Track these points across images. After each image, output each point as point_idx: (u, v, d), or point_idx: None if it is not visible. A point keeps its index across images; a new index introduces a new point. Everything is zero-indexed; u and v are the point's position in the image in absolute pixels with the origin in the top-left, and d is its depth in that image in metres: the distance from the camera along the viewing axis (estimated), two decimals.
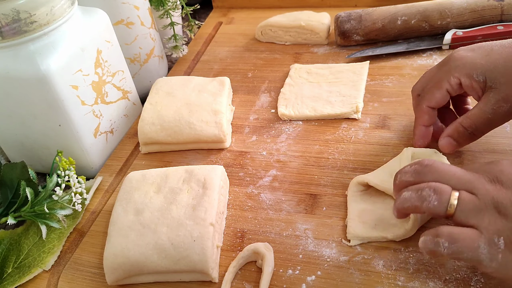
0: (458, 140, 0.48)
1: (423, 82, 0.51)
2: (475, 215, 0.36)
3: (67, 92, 0.52)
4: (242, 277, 0.44)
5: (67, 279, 0.47)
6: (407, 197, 0.39)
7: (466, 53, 0.47)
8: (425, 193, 0.37)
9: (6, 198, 0.52)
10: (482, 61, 0.45)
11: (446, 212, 0.37)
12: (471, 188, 0.37)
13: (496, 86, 0.44)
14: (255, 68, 0.75)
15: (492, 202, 0.36)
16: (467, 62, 0.46)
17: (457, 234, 0.36)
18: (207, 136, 0.58)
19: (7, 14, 0.46)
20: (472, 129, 0.47)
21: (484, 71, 0.45)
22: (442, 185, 0.38)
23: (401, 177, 0.41)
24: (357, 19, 0.73)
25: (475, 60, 0.46)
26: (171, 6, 0.73)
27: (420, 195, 0.38)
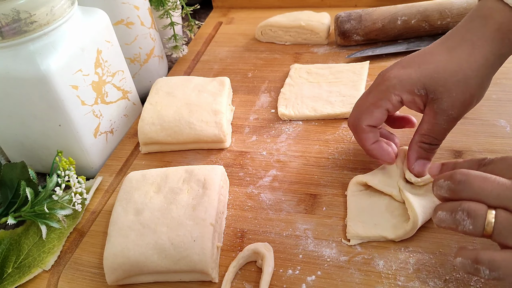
0: (428, 157, 0.47)
1: (356, 111, 0.48)
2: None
3: (67, 92, 0.52)
4: (242, 277, 0.44)
5: (67, 279, 0.47)
6: (442, 218, 0.37)
7: (399, 71, 0.45)
8: (459, 217, 0.35)
9: (6, 198, 0.52)
10: (418, 75, 0.44)
11: (483, 233, 0.35)
12: (509, 206, 0.34)
13: (437, 96, 0.44)
14: (255, 68, 0.75)
15: None
16: (404, 79, 0.45)
17: (498, 261, 0.33)
18: (207, 136, 0.58)
19: (7, 14, 0.46)
20: (434, 142, 0.46)
21: (423, 84, 0.44)
22: (476, 206, 0.35)
23: (437, 191, 0.38)
24: (357, 19, 0.73)
25: (411, 75, 0.44)
26: (171, 6, 0.73)
27: (454, 219, 0.35)
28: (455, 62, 0.44)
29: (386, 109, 0.46)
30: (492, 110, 0.58)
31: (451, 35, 0.46)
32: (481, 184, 0.35)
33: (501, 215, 0.34)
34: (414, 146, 0.46)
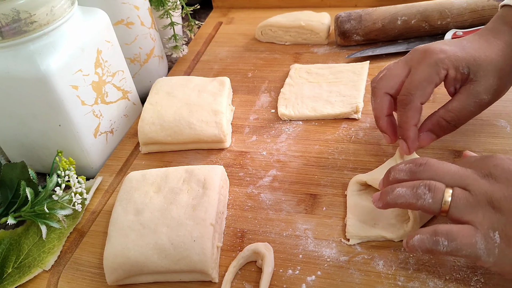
0: (439, 134, 0.48)
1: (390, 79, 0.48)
2: (469, 211, 0.36)
3: (67, 92, 0.52)
4: (242, 277, 0.44)
5: (67, 279, 0.47)
6: (401, 193, 0.39)
7: (444, 46, 0.46)
8: (420, 191, 0.38)
9: (6, 198, 0.52)
10: (463, 54, 0.45)
11: (440, 209, 0.37)
12: (465, 184, 0.38)
13: (477, 78, 0.45)
14: (255, 68, 0.75)
15: (485, 197, 0.36)
16: (451, 54, 0.45)
17: (455, 232, 0.36)
18: (207, 136, 0.58)
19: (7, 14, 0.46)
20: (454, 122, 0.47)
21: (468, 64, 0.45)
22: (436, 183, 0.38)
23: (395, 174, 0.41)
24: (357, 19, 0.73)
25: (457, 53, 0.45)
26: (171, 6, 0.73)
27: (415, 193, 0.38)
28: (494, 52, 0.46)
29: (435, 83, 0.46)
30: (492, 110, 0.58)
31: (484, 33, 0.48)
32: (439, 166, 0.39)
33: (457, 192, 0.37)
34: (434, 118, 0.47)
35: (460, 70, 0.45)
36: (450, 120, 0.47)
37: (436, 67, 0.45)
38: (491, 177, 0.37)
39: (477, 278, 0.41)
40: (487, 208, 0.36)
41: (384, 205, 0.41)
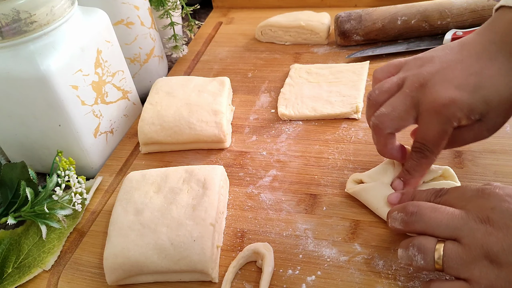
0: None
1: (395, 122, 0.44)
2: (464, 268, 0.35)
3: (67, 92, 0.52)
4: (242, 277, 0.44)
5: (67, 279, 0.47)
6: (400, 254, 0.39)
7: (454, 93, 0.41)
8: (411, 253, 0.37)
9: (6, 198, 0.52)
10: (474, 101, 0.41)
11: (435, 268, 0.36)
12: (459, 236, 0.36)
13: (485, 120, 0.42)
14: (255, 68, 0.75)
15: (481, 251, 0.34)
16: (463, 106, 0.41)
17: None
18: (207, 136, 0.58)
19: (7, 14, 0.46)
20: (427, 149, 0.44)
21: (479, 111, 0.41)
22: (425, 242, 0.37)
23: (392, 223, 0.41)
24: (357, 19, 0.73)
25: (468, 100, 0.41)
26: (171, 6, 0.73)
27: (408, 255, 0.38)
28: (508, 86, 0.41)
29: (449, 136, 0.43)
30: None
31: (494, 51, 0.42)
32: (431, 214, 0.37)
33: (448, 248, 0.36)
34: None
35: (471, 119, 0.42)
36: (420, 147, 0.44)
37: (449, 123, 0.41)
38: (488, 224, 0.35)
39: None
40: (484, 263, 0.34)
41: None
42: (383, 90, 0.46)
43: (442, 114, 0.41)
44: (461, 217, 0.36)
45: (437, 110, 0.41)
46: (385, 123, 0.44)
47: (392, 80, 0.46)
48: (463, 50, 0.43)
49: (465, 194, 0.39)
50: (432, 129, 0.42)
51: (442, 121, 0.41)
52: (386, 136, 0.45)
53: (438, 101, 0.41)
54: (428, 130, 0.43)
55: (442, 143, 0.43)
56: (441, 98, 0.41)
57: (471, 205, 0.37)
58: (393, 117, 0.44)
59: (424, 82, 0.43)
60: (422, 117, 0.43)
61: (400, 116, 0.43)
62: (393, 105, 0.44)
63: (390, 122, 0.44)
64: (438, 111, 0.41)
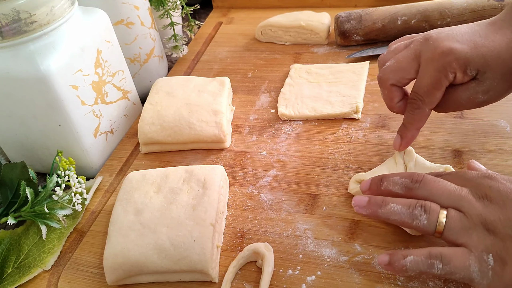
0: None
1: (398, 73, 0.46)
2: (463, 233, 0.37)
3: (67, 92, 0.52)
4: (242, 277, 0.44)
5: (67, 279, 0.47)
6: (396, 211, 0.39)
7: (454, 45, 0.43)
8: (417, 212, 0.38)
9: (6, 198, 0.52)
10: (473, 55, 0.43)
11: (435, 230, 0.37)
12: (459, 205, 0.38)
13: (482, 79, 0.43)
14: (255, 68, 0.75)
15: (479, 219, 0.36)
16: (460, 57, 0.42)
17: (449, 254, 0.36)
18: (207, 136, 0.58)
19: (7, 14, 0.46)
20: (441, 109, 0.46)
21: (477, 66, 0.43)
22: (431, 204, 0.38)
23: (388, 185, 0.41)
24: (357, 19, 0.73)
25: (467, 54, 0.42)
26: (171, 6, 0.73)
27: (411, 213, 0.38)
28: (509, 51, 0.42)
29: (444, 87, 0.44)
30: (492, 110, 0.58)
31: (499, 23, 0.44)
32: (434, 184, 0.39)
33: (451, 214, 0.37)
34: None
35: (468, 73, 0.43)
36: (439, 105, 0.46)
37: (444, 71, 0.43)
38: (486, 199, 0.37)
39: None
40: (482, 231, 0.36)
41: (370, 214, 0.41)
42: (390, 50, 0.49)
43: (439, 62, 0.43)
44: (462, 190, 0.38)
45: (435, 58, 0.43)
46: (388, 74, 0.47)
47: (401, 42, 0.48)
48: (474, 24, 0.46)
49: (464, 175, 0.41)
50: (427, 77, 0.44)
51: (438, 68, 0.43)
52: (390, 88, 0.47)
53: (437, 50, 0.43)
54: (423, 79, 0.44)
55: (436, 94, 0.44)
56: (441, 46, 0.43)
57: (470, 184, 0.39)
58: (395, 68, 0.46)
59: (428, 37, 0.45)
60: (421, 67, 0.45)
61: (401, 67, 0.46)
62: (397, 57, 0.47)
63: (391, 73, 0.46)
64: (435, 58, 0.43)
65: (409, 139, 0.48)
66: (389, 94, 0.48)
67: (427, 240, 0.44)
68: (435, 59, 0.43)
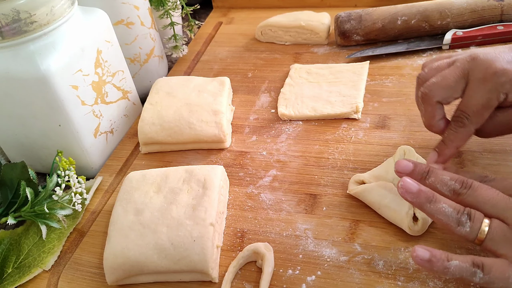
0: None
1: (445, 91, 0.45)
2: (505, 245, 0.36)
3: (67, 92, 0.52)
4: (242, 277, 0.44)
5: (67, 279, 0.47)
6: (445, 212, 0.38)
7: (507, 66, 0.42)
8: (464, 219, 0.38)
9: (6, 198, 0.52)
10: None
11: (476, 238, 0.37)
12: (504, 216, 0.37)
13: None
14: (255, 68, 0.75)
15: None
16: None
17: (490, 264, 0.36)
18: (207, 136, 0.58)
19: (7, 14, 0.46)
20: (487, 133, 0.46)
21: None
22: (476, 212, 0.38)
23: (436, 183, 0.40)
24: (357, 19, 0.73)
25: None
26: (171, 6, 0.73)
27: (459, 219, 0.38)
28: None
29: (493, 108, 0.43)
30: None
31: None
32: (482, 192, 0.39)
33: (495, 224, 0.37)
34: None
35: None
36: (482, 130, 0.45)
37: (496, 92, 0.42)
38: None
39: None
40: None
41: (416, 204, 0.39)
42: (433, 68, 0.47)
43: (491, 82, 0.42)
44: (509, 200, 0.38)
45: (487, 78, 0.42)
46: (434, 91, 0.45)
47: (442, 61, 0.47)
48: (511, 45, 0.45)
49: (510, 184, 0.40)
50: (477, 97, 0.43)
51: (490, 89, 0.42)
52: (434, 106, 0.45)
53: (489, 70, 0.42)
54: (472, 98, 0.43)
55: (484, 114, 0.43)
56: (493, 67, 0.42)
57: None
58: (443, 85, 0.44)
59: (475, 57, 0.44)
60: (470, 86, 0.43)
61: (449, 85, 0.44)
62: (443, 75, 0.45)
63: (439, 90, 0.44)
64: (487, 78, 0.42)
65: (447, 157, 0.46)
66: (432, 112, 0.46)
67: (426, 240, 0.44)
68: (487, 79, 0.42)
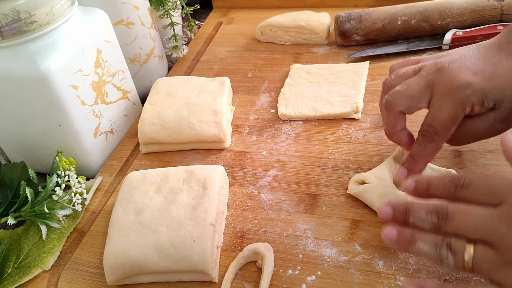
0: None
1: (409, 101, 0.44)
2: (496, 272, 0.33)
3: (67, 92, 0.52)
4: (242, 277, 0.44)
5: (67, 279, 0.47)
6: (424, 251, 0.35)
7: (470, 78, 0.42)
8: (444, 252, 0.35)
9: (6, 198, 0.52)
10: (490, 86, 0.41)
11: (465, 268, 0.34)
12: (490, 240, 0.33)
13: (500, 109, 0.42)
14: (255, 68, 0.75)
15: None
16: (477, 89, 0.41)
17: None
18: (207, 136, 0.58)
19: (7, 14, 0.46)
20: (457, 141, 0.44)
21: (494, 98, 0.41)
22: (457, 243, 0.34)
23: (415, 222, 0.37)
24: (357, 19, 0.73)
25: (483, 86, 0.41)
26: (171, 6, 0.73)
27: (439, 254, 0.35)
28: None
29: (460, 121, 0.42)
30: None
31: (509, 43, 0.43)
32: (461, 218, 0.35)
33: (479, 250, 0.34)
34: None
35: (485, 105, 0.42)
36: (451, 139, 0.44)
37: (461, 106, 0.41)
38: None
39: (477, 278, 0.41)
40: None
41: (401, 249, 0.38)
42: (399, 75, 0.46)
43: (457, 96, 0.41)
44: (492, 221, 0.33)
45: (452, 91, 0.41)
46: (398, 100, 0.44)
47: (409, 67, 0.46)
48: (480, 47, 0.44)
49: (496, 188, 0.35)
50: (444, 111, 0.42)
51: (455, 103, 0.41)
52: (397, 115, 0.45)
53: (455, 83, 0.41)
54: (439, 112, 0.42)
55: (451, 128, 0.42)
56: (458, 80, 0.41)
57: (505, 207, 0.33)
58: (407, 95, 0.44)
59: (441, 67, 0.43)
60: (435, 99, 0.43)
61: (413, 95, 0.43)
62: (408, 83, 0.44)
63: (403, 99, 0.44)
64: (453, 92, 0.41)
65: (417, 172, 0.44)
66: (394, 121, 0.45)
67: None
68: (452, 93, 0.41)
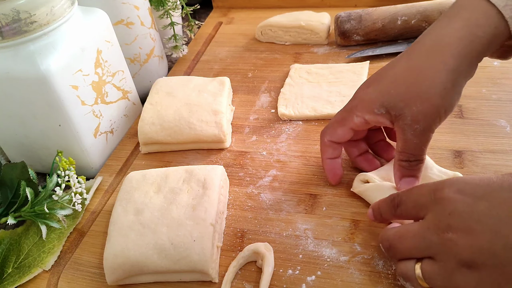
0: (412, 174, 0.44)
1: (327, 125, 0.50)
2: (447, 282, 0.34)
3: (67, 92, 0.52)
4: (242, 277, 0.44)
5: (67, 279, 0.47)
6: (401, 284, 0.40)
7: (362, 90, 0.46)
8: (401, 281, 0.38)
9: (6, 198, 0.52)
10: (376, 93, 0.43)
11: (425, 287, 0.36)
12: (430, 254, 0.35)
13: (399, 112, 0.42)
14: (255, 68, 0.75)
15: (455, 260, 0.33)
16: (364, 99, 0.45)
17: None
18: (207, 136, 0.58)
19: (7, 14, 0.46)
20: (412, 158, 0.43)
21: (382, 103, 0.43)
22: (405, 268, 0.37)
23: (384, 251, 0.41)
24: (357, 19, 0.73)
25: (370, 94, 0.44)
26: (171, 6, 0.73)
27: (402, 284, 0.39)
28: (413, 72, 0.41)
29: (351, 128, 0.47)
30: (492, 110, 0.58)
31: (417, 41, 0.43)
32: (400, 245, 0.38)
33: (425, 267, 0.36)
34: (396, 165, 0.45)
35: (376, 113, 0.43)
36: (406, 159, 0.44)
37: (350, 113, 0.46)
38: (451, 232, 0.34)
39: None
40: (463, 271, 0.33)
41: None
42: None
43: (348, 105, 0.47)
44: (425, 237, 0.35)
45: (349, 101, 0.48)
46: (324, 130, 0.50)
47: None
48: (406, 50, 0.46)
49: (419, 201, 0.37)
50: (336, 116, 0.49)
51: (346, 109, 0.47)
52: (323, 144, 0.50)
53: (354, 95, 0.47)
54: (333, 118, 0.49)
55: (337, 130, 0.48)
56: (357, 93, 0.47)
57: (430, 216, 0.36)
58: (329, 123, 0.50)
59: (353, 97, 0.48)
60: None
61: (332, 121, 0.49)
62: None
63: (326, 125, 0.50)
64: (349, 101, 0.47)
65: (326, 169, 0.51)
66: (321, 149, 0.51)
67: None
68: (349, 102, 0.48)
